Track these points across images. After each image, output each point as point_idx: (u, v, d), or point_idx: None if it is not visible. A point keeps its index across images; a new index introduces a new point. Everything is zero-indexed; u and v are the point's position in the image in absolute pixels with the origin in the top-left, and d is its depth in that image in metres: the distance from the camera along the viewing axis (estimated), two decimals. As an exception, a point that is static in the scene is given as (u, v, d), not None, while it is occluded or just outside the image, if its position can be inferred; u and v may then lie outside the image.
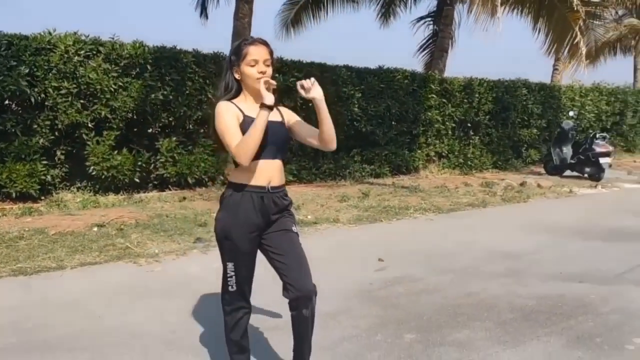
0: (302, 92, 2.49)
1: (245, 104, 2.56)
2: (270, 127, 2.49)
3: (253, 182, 2.53)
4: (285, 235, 2.59)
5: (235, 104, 2.54)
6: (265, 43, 2.56)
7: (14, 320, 3.51)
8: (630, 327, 3.62)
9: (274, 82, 2.51)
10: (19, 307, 3.76)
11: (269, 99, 2.44)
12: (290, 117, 2.69)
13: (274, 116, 2.56)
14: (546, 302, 4.08)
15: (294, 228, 2.63)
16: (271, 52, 2.56)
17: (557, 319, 3.75)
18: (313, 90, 2.49)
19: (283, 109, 2.72)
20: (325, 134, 2.57)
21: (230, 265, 2.57)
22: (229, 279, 2.59)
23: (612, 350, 3.26)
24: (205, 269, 4.66)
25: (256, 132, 2.41)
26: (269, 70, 2.53)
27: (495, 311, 3.87)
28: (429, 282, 4.52)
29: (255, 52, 2.51)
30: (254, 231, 2.54)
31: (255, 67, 2.51)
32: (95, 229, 6.05)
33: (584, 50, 11.89)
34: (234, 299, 2.61)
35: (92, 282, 4.32)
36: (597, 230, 6.71)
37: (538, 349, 3.27)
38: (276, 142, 2.56)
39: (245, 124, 2.47)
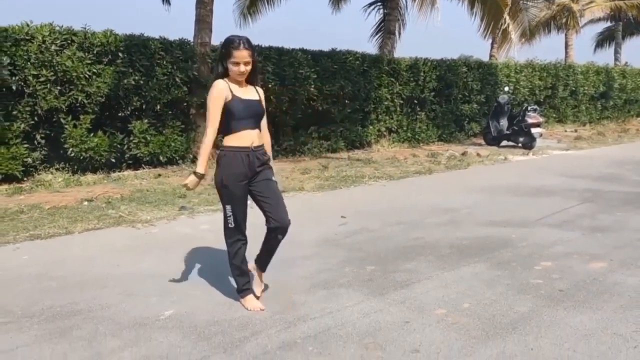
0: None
1: (233, 85, 3.44)
2: (250, 104, 3.46)
3: (241, 144, 3.44)
4: (268, 183, 3.53)
5: (228, 83, 3.42)
6: (247, 48, 3.38)
7: (47, 270, 4.24)
8: (539, 255, 4.67)
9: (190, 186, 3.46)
10: (47, 262, 4.48)
11: (200, 169, 3.40)
12: (262, 100, 3.59)
13: (252, 95, 3.50)
14: (477, 241, 5.10)
15: (273, 178, 3.58)
16: (252, 53, 3.41)
17: (484, 252, 4.77)
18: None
19: (260, 91, 3.60)
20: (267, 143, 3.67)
21: (228, 208, 3.46)
22: (228, 218, 3.47)
23: (524, 270, 4.29)
24: (196, 229, 5.48)
25: (201, 156, 3.42)
26: (248, 67, 3.41)
27: (436, 249, 4.86)
28: (383, 232, 5.48)
29: (238, 55, 3.36)
30: (243, 180, 3.44)
31: (236, 68, 3.38)
32: (86, 203, 6.73)
33: (513, 34, 13.07)
34: (233, 233, 3.49)
35: (100, 243, 5.06)
36: (524, 188, 7.84)
37: (468, 271, 4.27)
38: (254, 116, 3.49)
39: (233, 101, 3.39)
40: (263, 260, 3.67)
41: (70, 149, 8.42)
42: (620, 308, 3.50)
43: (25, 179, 8.06)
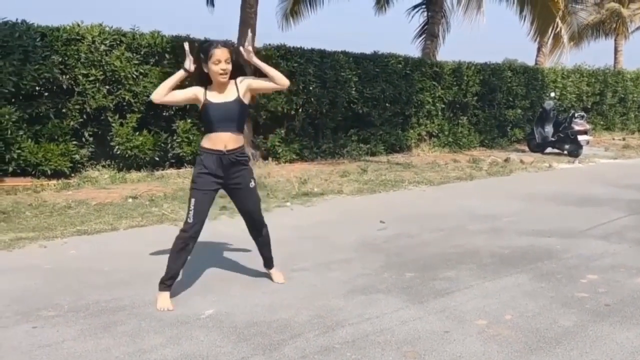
0: (245, 55, 3.55)
1: (212, 92, 3.53)
2: (219, 107, 3.52)
3: (213, 147, 3.54)
4: (246, 191, 3.68)
5: (204, 90, 3.52)
6: (227, 47, 3.49)
7: (94, 265, 4.36)
8: (585, 268, 4.54)
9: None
10: (93, 257, 4.61)
11: (187, 64, 3.48)
12: (246, 85, 3.60)
13: (230, 95, 3.54)
14: (519, 250, 5.00)
15: (251, 184, 3.70)
16: (231, 52, 3.49)
17: (526, 262, 4.67)
18: (251, 58, 3.55)
19: (240, 82, 3.60)
20: (272, 78, 3.59)
21: (192, 201, 3.58)
22: (189, 212, 3.57)
23: (569, 283, 4.18)
24: (236, 229, 5.50)
25: (166, 81, 3.53)
26: (229, 66, 3.47)
27: (477, 257, 4.79)
28: (423, 238, 5.43)
29: (219, 53, 3.43)
30: (214, 179, 3.55)
31: (217, 67, 3.44)
32: (130, 200, 6.90)
33: (566, 39, 12.77)
34: (188, 227, 3.56)
35: (145, 240, 5.18)
36: (569, 197, 7.64)
37: (510, 281, 4.18)
38: (226, 119, 3.53)
39: (205, 106, 3.51)
40: (266, 259, 4.02)
41: (117, 147, 8.65)
42: (671, 326, 3.37)
43: (73, 175, 8.31)
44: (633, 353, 3.01)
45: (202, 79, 3.56)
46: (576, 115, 12.82)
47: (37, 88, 7.88)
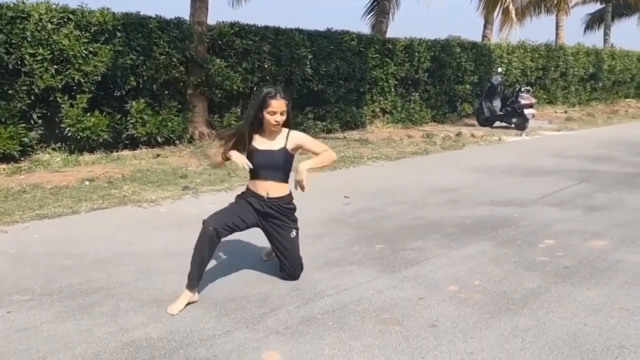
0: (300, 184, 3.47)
1: (260, 137, 3.51)
2: (264, 154, 3.48)
3: (256, 191, 3.54)
4: (285, 241, 3.58)
5: (252, 138, 3.49)
6: (284, 97, 3.46)
7: (60, 249, 4.26)
8: (542, 234, 4.78)
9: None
10: (58, 240, 4.50)
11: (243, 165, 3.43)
12: (298, 143, 3.57)
13: (277, 144, 3.51)
14: (480, 220, 5.21)
15: (292, 234, 3.60)
16: (287, 103, 3.46)
17: (488, 230, 4.87)
18: (306, 184, 3.45)
19: (293, 136, 3.56)
20: (327, 165, 3.72)
21: (228, 205, 3.58)
22: (219, 211, 3.51)
23: (528, 248, 4.40)
24: (203, 209, 5.48)
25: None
26: (284, 117, 3.45)
27: (441, 227, 4.96)
28: (387, 211, 5.56)
29: (276, 105, 3.42)
30: (253, 210, 3.52)
31: (272, 117, 3.42)
32: (87, 182, 6.72)
33: (513, 14, 13.09)
34: (212, 219, 3.36)
35: (109, 222, 5.09)
36: (521, 169, 7.96)
37: (475, 249, 4.37)
38: (267, 167, 3.50)
39: (250, 153, 3.48)
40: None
41: (67, 129, 8.37)
42: (625, 284, 3.62)
43: (22, 158, 8.01)
44: (595, 310, 3.23)
45: (254, 123, 3.49)
46: (522, 89, 13.25)
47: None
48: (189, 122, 9.78)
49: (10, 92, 7.81)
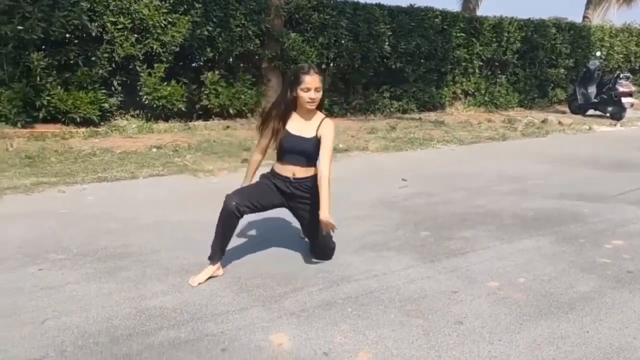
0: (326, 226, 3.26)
1: (293, 120, 3.37)
2: (290, 140, 3.34)
3: (282, 173, 3.41)
4: (314, 218, 3.34)
5: (286, 118, 3.36)
6: (318, 73, 3.28)
7: (109, 212, 4.40)
8: (612, 233, 4.33)
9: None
10: (110, 203, 4.65)
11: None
12: (321, 132, 3.35)
13: (303, 131, 3.36)
14: (543, 213, 4.80)
15: (308, 216, 3.44)
16: (322, 79, 3.29)
17: (550, 225, 4.48)
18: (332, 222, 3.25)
19: (323, 125, 3.37)
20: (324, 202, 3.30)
21: (253, 183, 3.51)
22: (243, 187, 3.46)
23: (592, 248, 3.99)
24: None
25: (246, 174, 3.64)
26: (319, 94, 3.28)
27: (498, 218, 4.62)
28: (444, 197, 5.28)
29: (309, 81, 3.24)
30: (278, 192, 3.40)
31: (307, 94, 3.25)
32: (154, 149, 6.92)
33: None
34: (235, 194, 3.30)
35: (163, 189, 5.20)
36: (605, 161, 7.31)
37: (529, 244, 4.02)
38: (297, 152, 3.36)
39: (284, 134, 3.33)
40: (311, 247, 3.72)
41: (145, 97, 8.65)
42: (696, 297, 3.18)
43: (102, 123, 8.38)
44: (650, 323, 2.85)
45: (286, 104, 3.37)
46: (621, 76, 12.18)
47: (66, 35, 7.88)
48: (262, 96, 9.82)
49: (92, 58, 8.17)
